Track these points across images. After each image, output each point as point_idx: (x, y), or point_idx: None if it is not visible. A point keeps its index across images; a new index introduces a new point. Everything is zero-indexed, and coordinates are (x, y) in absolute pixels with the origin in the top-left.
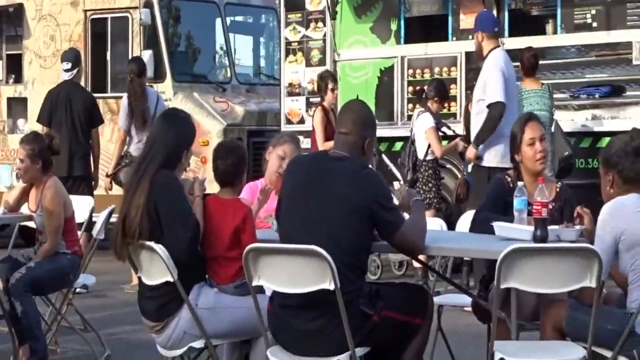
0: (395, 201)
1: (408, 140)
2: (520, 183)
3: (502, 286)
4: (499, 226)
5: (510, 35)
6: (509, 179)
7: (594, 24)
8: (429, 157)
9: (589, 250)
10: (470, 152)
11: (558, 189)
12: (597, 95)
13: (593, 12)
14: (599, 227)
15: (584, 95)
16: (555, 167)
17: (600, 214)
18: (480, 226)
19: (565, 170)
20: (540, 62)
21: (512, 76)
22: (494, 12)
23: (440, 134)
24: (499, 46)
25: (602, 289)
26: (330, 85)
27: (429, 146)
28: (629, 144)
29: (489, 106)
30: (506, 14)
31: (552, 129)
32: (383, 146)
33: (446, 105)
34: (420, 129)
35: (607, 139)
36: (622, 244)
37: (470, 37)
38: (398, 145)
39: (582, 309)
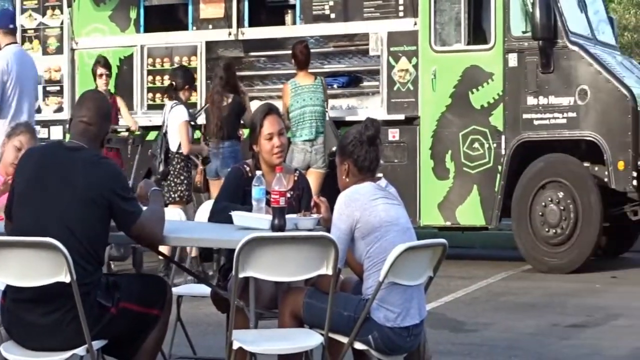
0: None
1: (161, 132)
2: (258, 172)
3: (241, 275)
4: (238, 215)
5: (251, 25)
6: (248, 168)
7: (332, 15)
8: (181, 150)
9: (326, 238)
10: None
11: (296, 178)
12: (335, 86)
13: (331, 3)
14: (335, 216)
15: None
16: (327, 159)
17: (336, 202)
18: (219, 216)
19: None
20: (280, 52)
21: (26, 70)
22: (235, 1)
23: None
24: (15, 42)
25: (339, 276)
26: (99, 71)
27: None
28: (363, 134)
29: None
30: (246, 4)
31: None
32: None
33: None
34: (174, 122)
35: (346, 129)
36: (358, 232)
37: (210, 26)
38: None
39: (319, 297)
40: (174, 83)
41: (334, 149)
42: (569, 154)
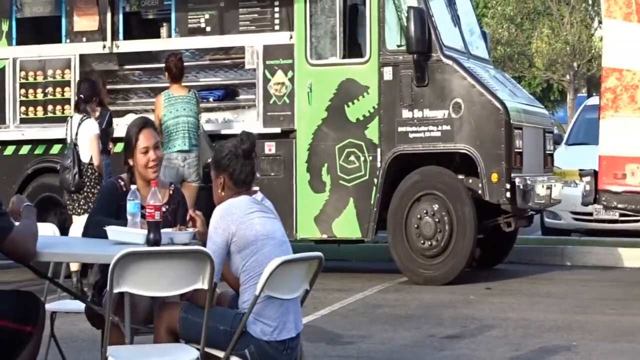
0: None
1: (70, 144)
2: (133, 186)
3: (116, 290)
4: (112, 230)
5: (125, 38)
6: (122, 182)
7: (208, 28)
8: (94, 162)
9: (202, 252)
10: None
11: (171, 192)
12: (211, 99)
13: (207, 16)
14: (211, 230)
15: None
16: (200, 173)
17: (212, 216)
18: (94, 230)
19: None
20: (155, 65)
21: None
22: (109, 14)
23: None
24: None
25: (215, 290)
26: None
27: None
28: (239, 147)
29: None
30: (121, 17)
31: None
32: None
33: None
34: (85, 135)
35: (222, 142)
36: (234, 246)
37: (84, 39)
38: (10, 149)
39: (195, 311)
40: (82, 96)
41: (209, 161)
42: (443, 166)
